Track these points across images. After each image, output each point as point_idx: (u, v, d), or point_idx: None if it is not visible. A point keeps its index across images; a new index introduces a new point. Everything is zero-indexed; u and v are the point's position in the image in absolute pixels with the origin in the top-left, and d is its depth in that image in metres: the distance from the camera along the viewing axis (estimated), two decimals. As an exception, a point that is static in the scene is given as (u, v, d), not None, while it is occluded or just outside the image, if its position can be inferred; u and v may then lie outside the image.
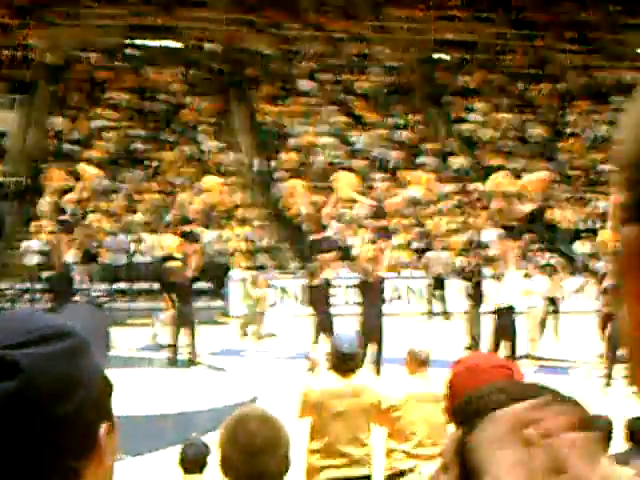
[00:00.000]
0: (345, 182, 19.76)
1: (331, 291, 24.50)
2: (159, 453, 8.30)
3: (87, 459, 1.24)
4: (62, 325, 1.27)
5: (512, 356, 15.49)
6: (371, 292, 15.87)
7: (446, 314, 24.20)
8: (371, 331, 15.41)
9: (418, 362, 7.15)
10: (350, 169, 30.30)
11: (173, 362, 17.01)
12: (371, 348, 15.43)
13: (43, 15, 36.57)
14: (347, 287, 25.47)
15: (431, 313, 24.60)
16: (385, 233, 17.81)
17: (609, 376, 14.64)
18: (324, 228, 18.38)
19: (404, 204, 24.19)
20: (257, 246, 27.22)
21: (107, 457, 1.27)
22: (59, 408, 1.19)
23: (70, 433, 1.21)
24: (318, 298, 16.80)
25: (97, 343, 1.32)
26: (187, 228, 18.47)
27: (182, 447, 5.81)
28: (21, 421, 1.17)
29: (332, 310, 17.17)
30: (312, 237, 18.43)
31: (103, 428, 1.26)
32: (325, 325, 16.29)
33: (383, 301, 16.50)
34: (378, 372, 14.96)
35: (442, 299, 24.69)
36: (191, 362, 16.98)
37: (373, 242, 18.09)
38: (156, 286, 25.48)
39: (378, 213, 17.97)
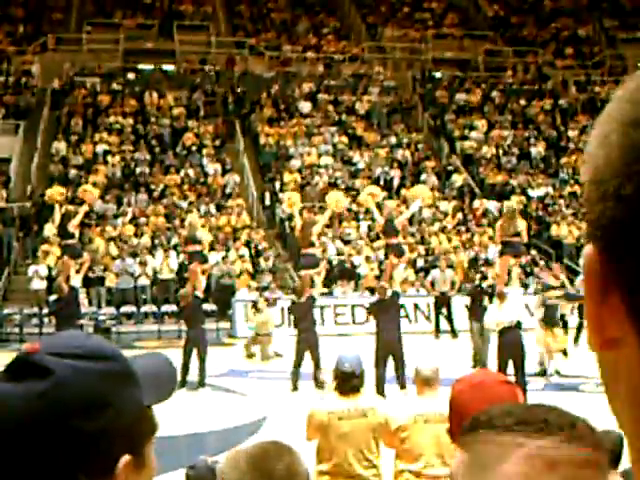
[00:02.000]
0: (335, 200, 19.89)
1: (338, 310, 24.53)
2: (168, 475, 8.34)
3: None
4: (107, 349, 1.33)
5: (520, 374, 15.41)
6: (388, 309, 15.89)
7: (453, 332, 24.20)
8: (391, 347, 15.45)
9: (424, 381, 7.05)
10: (352, 189, 30.45)
11: (182, 384, 17.03)
12: (392, 364, 15.48)
13: (43, 41, 36.76)
14: (353, 306, 25.56)
15: (438, 331, 24.59)
16: (398, 250, 17.86)
17: None
18: (312, 245, 18.48)
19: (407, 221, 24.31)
20: (261, 267, 27.31)
21: None
22: (82, 422, 1.24)
23: (87, 449, 1.25)
24: (302, 315, 16.86)
25: (153, 386, 1.37)
26: (195, 248, 18.47)
27: (186, 470, 5.84)
28: (41, 422, 1.23)
29: (317, 328, 17.26)
30: (300, 252, 18.65)
31: (125, 459, 1.28)
32: (310, 342, 16.36)
33: (399, 316, 16.54)
34: (403, 387, 14.96)
35: (449, 317, 24.71)
36: (200, 384, 16.99)
37: (386, 258, 18.14)
38: (164, 308, 25.62)
39: (389, 230, 18.04)
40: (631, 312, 0.69)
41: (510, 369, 15.19)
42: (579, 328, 21.35)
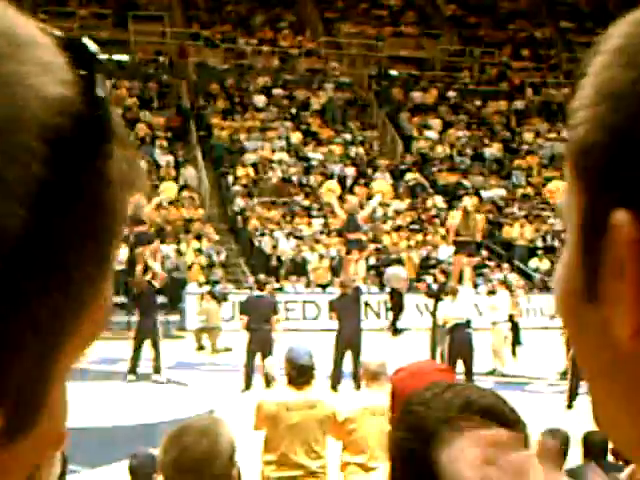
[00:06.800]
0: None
1: (289, 306, 24.56)
2: (114, 465, 8.28)
3: None
4: None
5: (469, 373, 15.48)
6: (349, 304, 15.85)
7: (400, 329, 24.16)
8: (351, 342, 15.40)
9: (371, 375, 7.09)
10: (306, 185, 30.38)
11: (132, 374, 16.88)
12: (351, 359, 15.44)
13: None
14: (304, 302, 25.51)
15: (393, 329, 24.48)
16: (359, 245, 18.02)
17: (572, 396, 14.29)
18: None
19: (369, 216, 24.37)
20: (213, 261, 27.15)
21: None
22: None
23: None
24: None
25: None
26: (139, 229, 18.26)
27: (129, 459, 5.84)
28: None
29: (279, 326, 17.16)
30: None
31: None
32: (261, 340, 16.19)
33: (360, 312, 16.54)
34: (358, 386, 14.90)
35: (399, 315, 24.60)
36: (156, 371, 16.90)
37: (348, 253, 18.26)
38: (113, 299, 25.35)
39: (351, 225, 18.21)
40: None
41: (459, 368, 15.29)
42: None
